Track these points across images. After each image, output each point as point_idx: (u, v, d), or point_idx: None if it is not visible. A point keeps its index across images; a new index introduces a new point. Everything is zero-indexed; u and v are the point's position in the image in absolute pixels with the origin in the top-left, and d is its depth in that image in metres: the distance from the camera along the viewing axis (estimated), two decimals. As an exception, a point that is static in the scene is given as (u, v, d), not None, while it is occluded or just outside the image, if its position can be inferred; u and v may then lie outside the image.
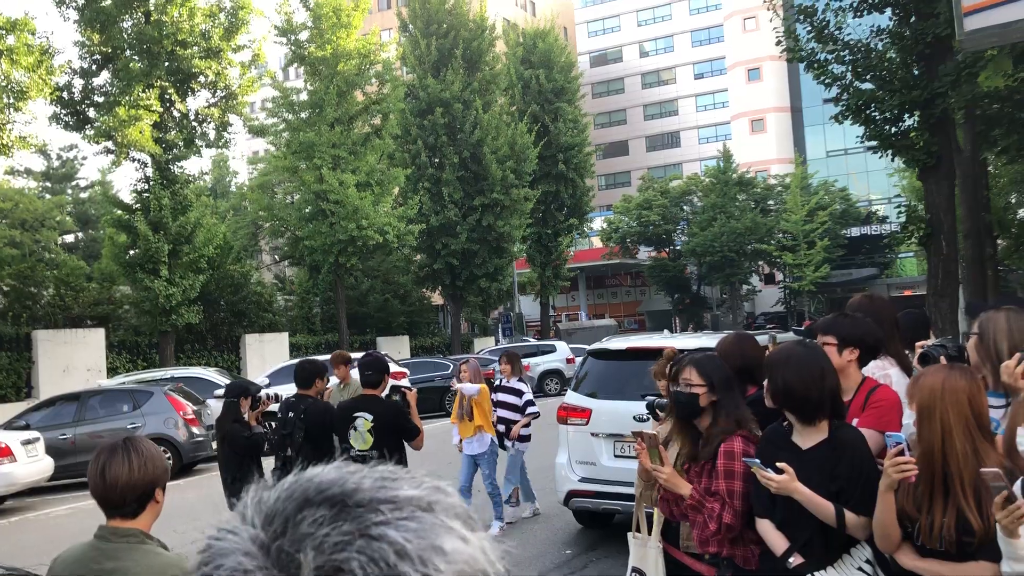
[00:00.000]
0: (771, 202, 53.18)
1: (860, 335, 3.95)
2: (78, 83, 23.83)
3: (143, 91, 23.24)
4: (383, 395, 6.38)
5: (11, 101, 19.96)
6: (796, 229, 49.09)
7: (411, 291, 37.81)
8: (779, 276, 54.52)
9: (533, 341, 34.86)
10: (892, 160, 10.47)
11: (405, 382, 21.92)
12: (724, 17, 68.58)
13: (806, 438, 3.36)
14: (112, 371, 24.03)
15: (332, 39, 28.85)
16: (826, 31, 9.98)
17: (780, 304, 53.61)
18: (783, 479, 3.19)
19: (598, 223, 56.10)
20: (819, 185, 51.86)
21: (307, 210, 29.83)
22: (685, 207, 55.11)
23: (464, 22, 35.83)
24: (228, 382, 19.16)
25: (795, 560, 3.25)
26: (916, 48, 9.18)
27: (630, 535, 4.84)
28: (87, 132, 23.62)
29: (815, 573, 3.23)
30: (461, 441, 8.98)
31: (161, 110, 24.05)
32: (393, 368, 22.08)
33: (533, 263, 43.19)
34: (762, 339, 7.00)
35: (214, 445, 15.68)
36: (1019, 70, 13.53)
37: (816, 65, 10.00)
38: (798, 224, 48.80)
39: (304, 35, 29.52)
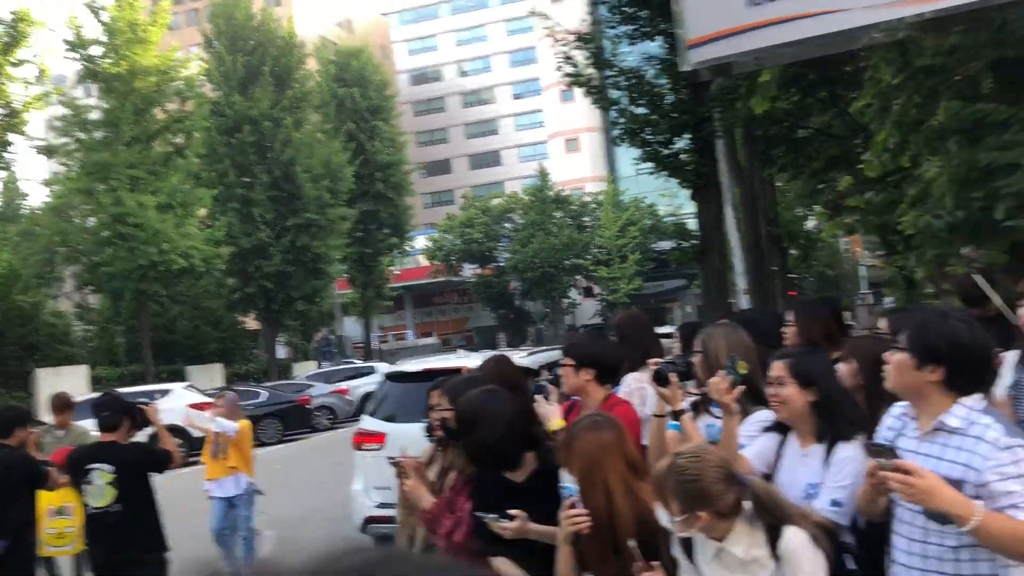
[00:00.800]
0: (586, 219, 54.94)
1: (593, 355, 4.11)
2: None
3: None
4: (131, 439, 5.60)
5: None
6: (610, 244, 50.93)
7: (223, 316, 36.33)
8: (596, 289, 56.34)
9: (357, 363, 34.31)
10: (666, 180, 11.10)
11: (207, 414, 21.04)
12: (537, 39, 70.45)
13: (517, 473, 3.41)
14: None
15: (128, 55, 27.42)
16: (603, 57, 10.44)
17: (598, 316, 55.38)
18: (517, 526, 3.19)
19: (422, 241, 56.12)
20: (630, 202, 54.05)
21: (104, 234, 28.11)
22: (507, 224, 56.07)
23: (272, 39, 35.02)
24: None
25: None
26: (684, 75, 9.73)
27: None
28: None
29: None
30: (211, 483, 8.12)
31: (-70, 127, 22.12)
32: (200, 399, 21.21)
33: (354, 283, 42.63)
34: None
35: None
36: (784, 95, 14.60)
37: (594, 90, 10.44)
38: (611, 239, 50.66)
39: (97, 50, 27.90)
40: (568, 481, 2.96)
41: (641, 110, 10.57)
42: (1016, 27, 8.10)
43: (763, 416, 3.38)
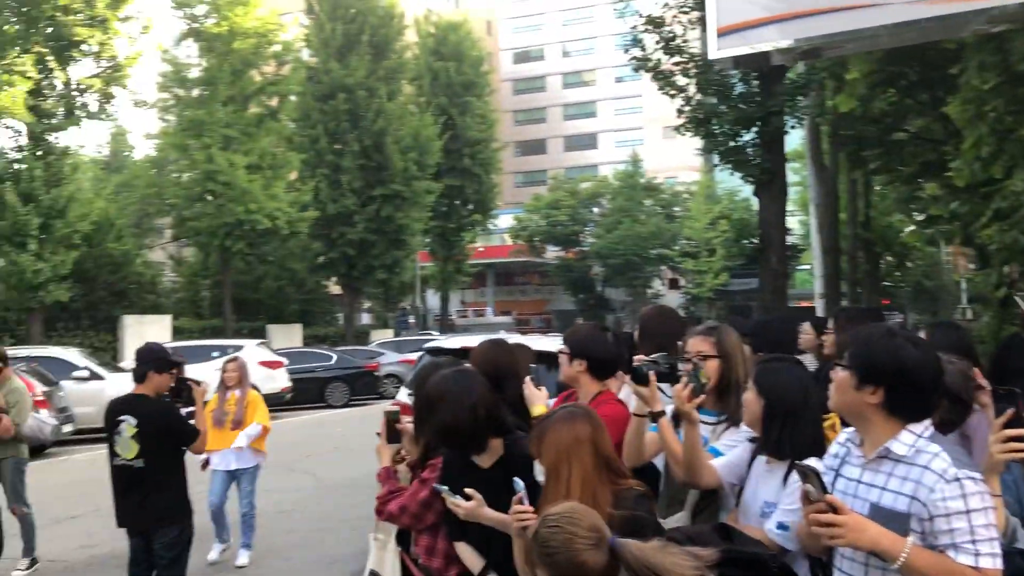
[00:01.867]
0: (676, 208, 54.04)
1: (585, 347, 4.01)
2: (-55, 43, 22.63)
3: (18, 56, 22.20)
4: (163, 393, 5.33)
5: None
6: (698, 236, 49.96)
7: (306, 279, 37.10)
8: (681, 281, 55.44)
9: (434, 335, 34.65)
10: (731, 174, 10.67)
11: (280, 371, 21.44)
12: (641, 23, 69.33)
13: (484, 458, 3.32)
14: (-25, 347, 22.90)
15: (229, 16, 28.06)
16: (673, 42, 10.07)
17: (681, 310, 54.59)
18: (470, 506, 3.12)
19: (507, 220, 56.17)
20: (723, 195, 52.87)
21: (195, 190, 28.96)
22: (594, 209, 55.59)
23: (373, 8, 35.31)
24: (89, 363, 18.48)
25: None
26: (754, 66, 9.31)
27: (370, 535, 4.72)
28: (-45, 95, 22.40)
29: None
30: (209, 455, 7.40)
31: (39, 77, 23.02)
32: (270, 357, 21.71)
33: (435, 257, 42.95)
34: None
35: (65, 428, 15.09)
36: (876, 95, 13.88)
37: (661, 76, 10.07)
38: (700, 232, 49.67)
39: (201, 9, 28.65)
40: (539, 472, 2.85)
41: (709, 100, 10.17)
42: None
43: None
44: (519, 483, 2.81)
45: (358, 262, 35.15)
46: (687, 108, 10.09)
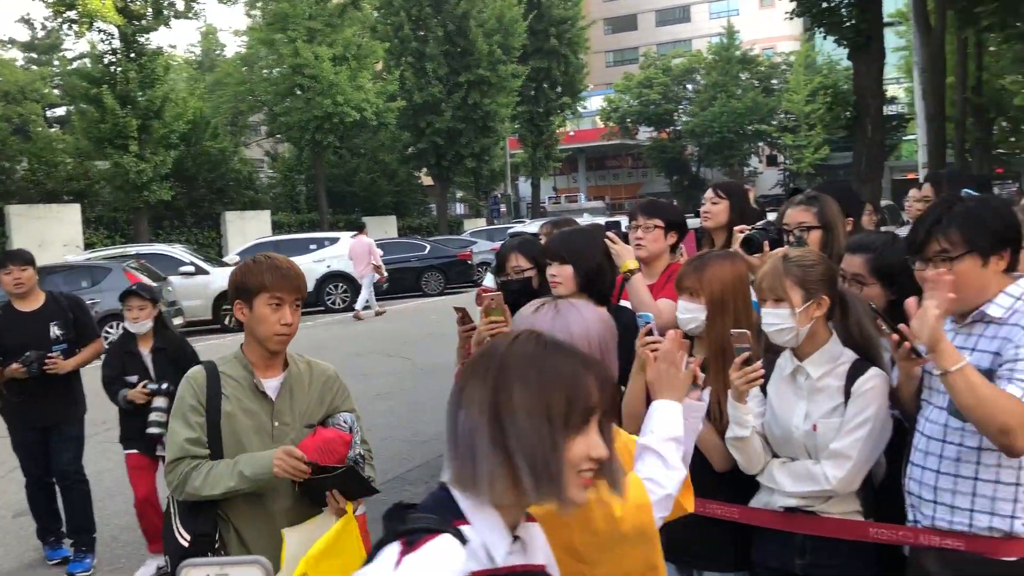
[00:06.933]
0: (775, 81, 51.71)
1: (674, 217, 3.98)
2: (36, -52, 23.07)
3: (103, -42, 22.43)
4: None
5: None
6: (798, 110, 47.88)
7: (398, 171, 37.37)
8: (780, 158, 53.57)
9: (526, 222, 34.66)
10: (824, 38, 9.99)
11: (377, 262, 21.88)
12: None
13: None
14: (89, 246, 24.09)
15: (306, -97, 27.62)
16: None
17: (779, 187, 52.94)
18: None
19: (598, 102, 54.82)
20: (823, 64, 50.25)
21: (284, 85, 29.20)
22: (688, 86, 53.70)
23: None
24: (194, 259, 19.28)
25: None
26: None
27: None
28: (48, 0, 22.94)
29: None
30: None
31: (125, -22, 23.29)
32: (373, 247, 22.15)
33: (524, 143, 42.50)
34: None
35: (176, 320, 15.90)
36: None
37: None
38: (800, 104, 47.55)
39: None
40: (690, 308, 2.92)
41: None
42: None
43: None
44: (647, 316, 2.85)
45: (447, 151, 35.12)
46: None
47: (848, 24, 9.01)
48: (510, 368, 1.41)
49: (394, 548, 1.32)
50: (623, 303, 3.61)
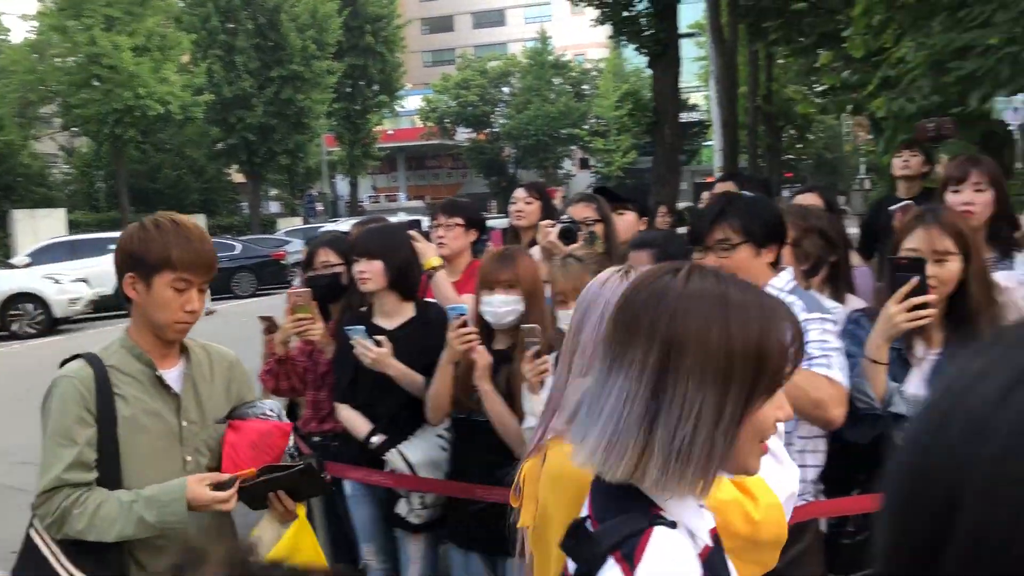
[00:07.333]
0: (585, 87, 53.53)
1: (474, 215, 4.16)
2: None
3: None
4: None
5: None
6: (607, 115, 49.78)
7: (207, 167, 35.83)
8: (591, 161, 55.49)
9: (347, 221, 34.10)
10: (625, 47, 10.49)
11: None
12: None
13: (391, 320, 3.41)
14: None
15: None
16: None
17: (591, 189, 54.86)
18: (382, 352, 3.21)
19: (417, 101, 54.74)
20: (631, 72, 52.51)
21: (80, 76, 27.32)
22: (504, 89, 54.64)
23: None
24: None
25: (378, 439, 3.31)
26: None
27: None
28: None
29: (397, 447, 3.28)
30: None
31: None
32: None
33: (341, 141, 41.85)
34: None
35: None
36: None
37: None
38: (609, 109, 49.46)
39: None
40: (508, 301, 2.94)
41: (601, -34, 9.91)
42: None
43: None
44: (460, 307, 2.93)
45: (259, 148, 34.03)
46: (579, -23, 9.86)
47: (647, 33, 9.50)
48: (686, 317, 1.15)
49: (613, 571, 1.12)
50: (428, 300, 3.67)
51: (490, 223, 7.28)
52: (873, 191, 40.84)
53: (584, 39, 63.10)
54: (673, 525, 1.16)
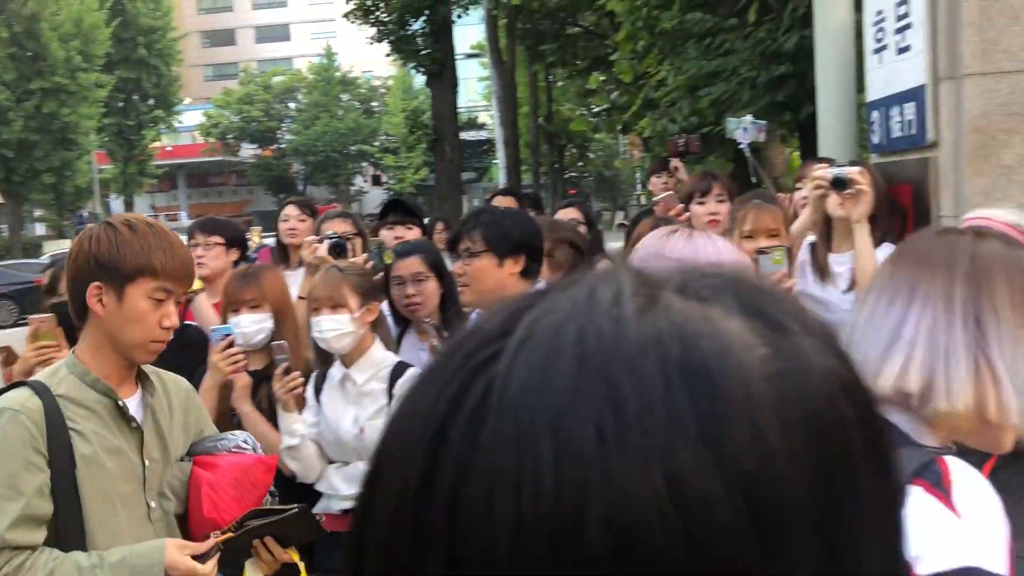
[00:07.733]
0: (374, 104, 53.46)
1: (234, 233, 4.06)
2: None
3: None
4: None
5: None
6: (397, 132, 49.92)
7: (-43, 186, 32.63)
8: (384, 178, 55.41)
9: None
10: (404, 65, 10.67)
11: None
12: (332, -93, 66.28)
13: None
14: None
15: None
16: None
17: (382, 206, 54.73)
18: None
19: (197, 117, 52.52)
20: (420, 89, 53.02)
21: None
22: (290, 104, 53.55)
23: None
24: None
25: None
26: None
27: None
28: None
29: None
30: None
31: None
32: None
33: (114, 158, 39.40)
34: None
35: None
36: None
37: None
38: (398, 127, 49.64)
39: None
40: (257, 319, 2.87)
41: (376, -15, 10.01)
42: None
43: None
44: (227, 328, 2.85)
45: (19, 165, 31.36)
46: (356, -5, 9.89)
47: (424, 52, 9.67)
48: (987, 259, 1.16)
49: (924, 499, 1.05)
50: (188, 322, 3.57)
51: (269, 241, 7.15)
52: (647, 205, 43.39)
53: (373, 56, 62.95)
54: (951, 452, 1.14)
